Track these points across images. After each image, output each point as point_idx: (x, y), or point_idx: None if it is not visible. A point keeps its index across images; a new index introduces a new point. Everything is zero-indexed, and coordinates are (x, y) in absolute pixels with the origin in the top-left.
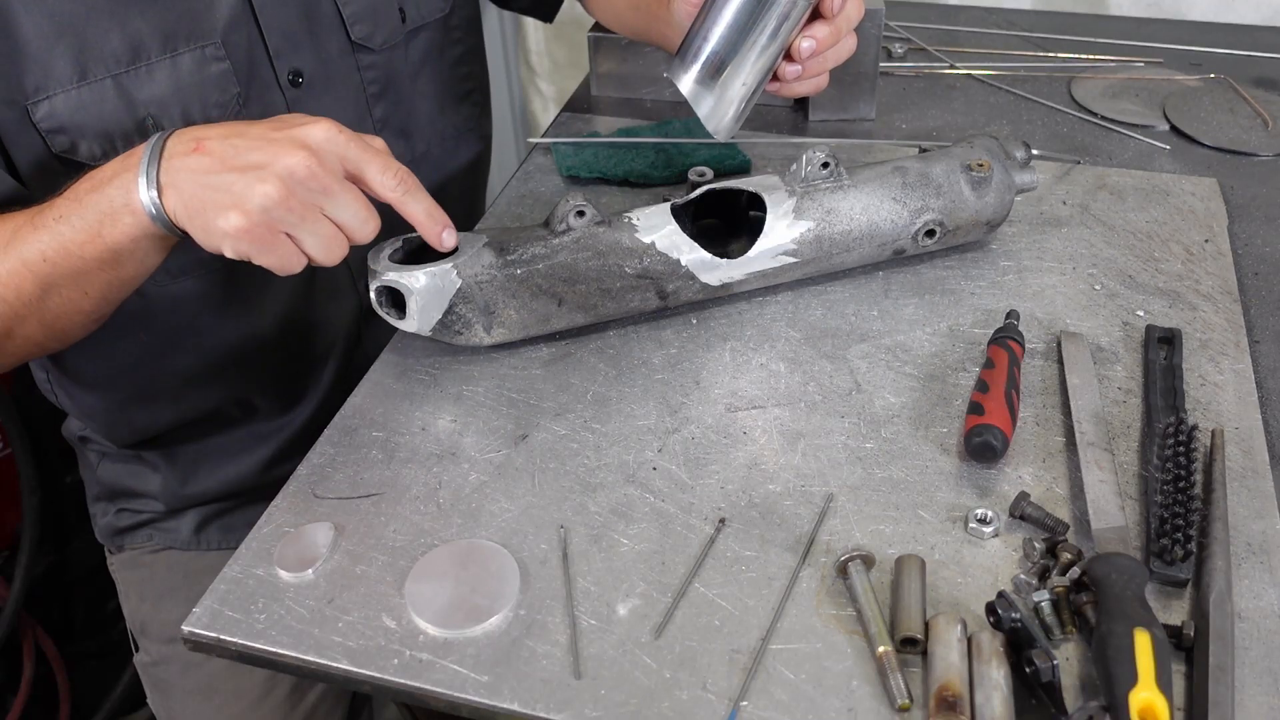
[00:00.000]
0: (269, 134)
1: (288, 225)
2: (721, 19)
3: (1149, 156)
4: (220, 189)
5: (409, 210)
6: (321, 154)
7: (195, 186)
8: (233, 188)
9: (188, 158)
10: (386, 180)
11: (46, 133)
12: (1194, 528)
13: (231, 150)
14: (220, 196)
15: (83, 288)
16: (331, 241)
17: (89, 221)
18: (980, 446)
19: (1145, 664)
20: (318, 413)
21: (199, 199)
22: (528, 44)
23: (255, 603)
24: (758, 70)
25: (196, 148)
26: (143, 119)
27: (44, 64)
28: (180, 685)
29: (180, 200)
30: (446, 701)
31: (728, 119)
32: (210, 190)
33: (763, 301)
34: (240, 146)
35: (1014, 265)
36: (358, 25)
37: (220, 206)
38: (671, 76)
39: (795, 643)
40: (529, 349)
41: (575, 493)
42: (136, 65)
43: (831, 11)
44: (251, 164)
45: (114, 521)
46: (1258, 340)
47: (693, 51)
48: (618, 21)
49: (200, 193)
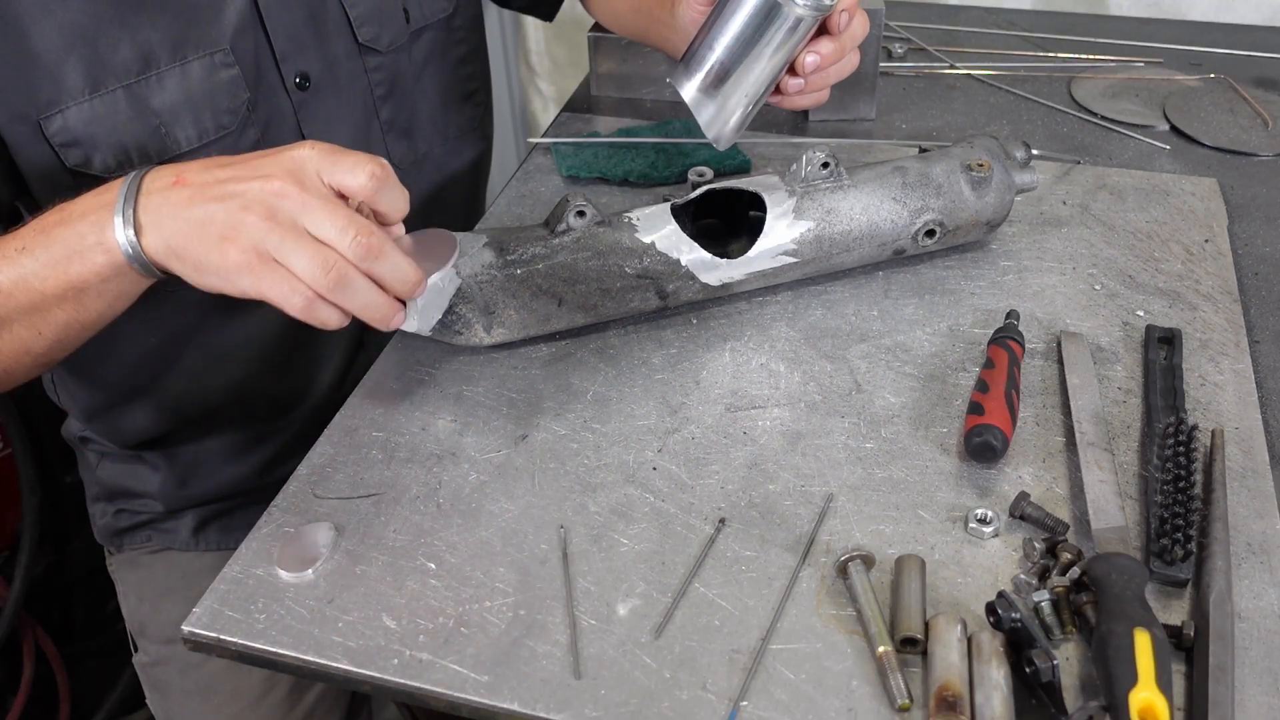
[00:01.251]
0: (250, 160)
1: (274, 249)
2: (728, 29)
3: (1149, 156)
4: (205, 222)
5: (381, 208)
6: (301, 172)
7: (178, 222)
8: (216, 218)
9: (168, 192)
10: (360, 176)
11: (60, 146)
12: (1194, 528)
13: (213, 183)
14: (207, 230)
15: (38, 326)
16: (319, 260)
17: (55, 255)
18: (980, 446)
19: (1145, 664)
20: (318, 413)
21: (185, 235)
22: (528, 44)
23: (255, 603)
24: (760, 82)
25: (176, 181)
26: (155, 128)
27: (56, 77)
28: (179, 685)
29: (162, 239)
30: (446, 701)
31: (728, 128)
32: (195, 226)
33: (763, 301)
34: (220, 177)
35: (1014, 265)
36: (365, 27)
37: (210, 241)
38: (674, 83)
39: (795, 643)
40: (529, 349)
41: (575, 493)
42: (147, 74)
43: (837, 28)
44: (233, 194)
45: (113, 522)
46: (1258, 340)
47: (697, 59)
48: (617, 23)
49: (185, 229)
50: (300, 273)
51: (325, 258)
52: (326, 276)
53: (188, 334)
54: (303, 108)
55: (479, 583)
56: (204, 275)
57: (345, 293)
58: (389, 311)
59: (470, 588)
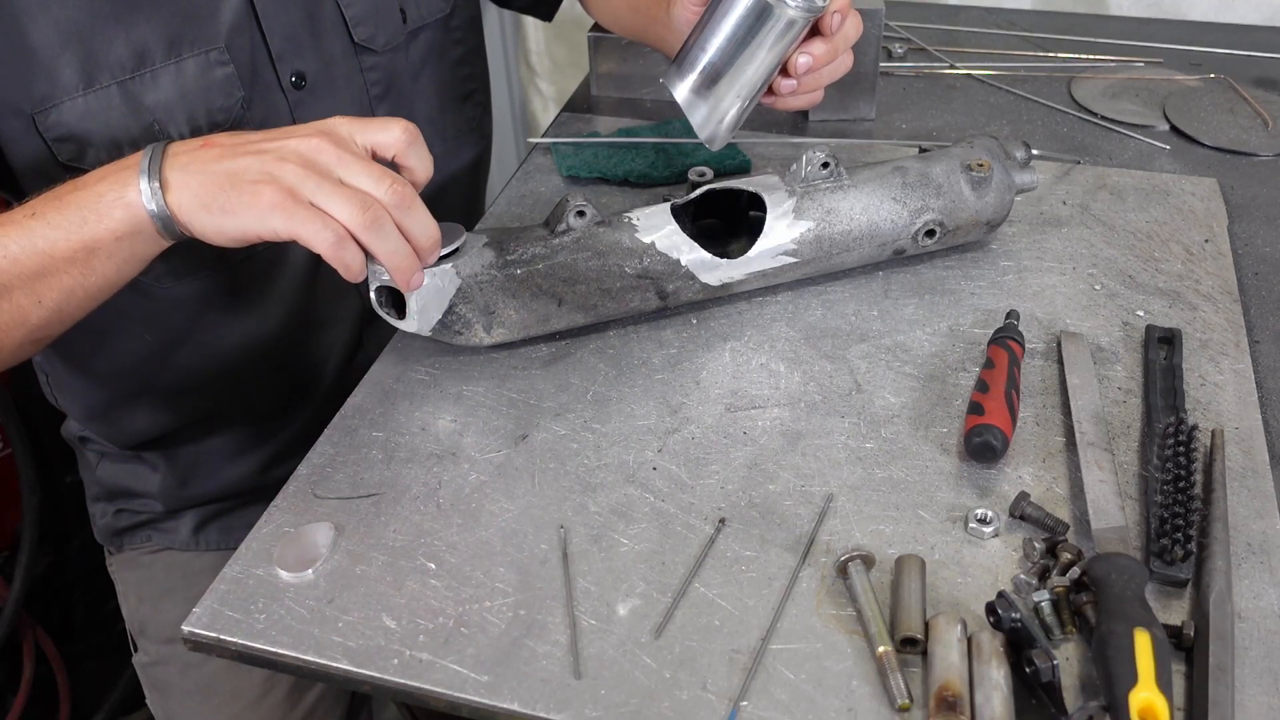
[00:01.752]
0: (278, 131)
1: (311, 193)
2: (720, 31)
3: (1149, 156)
4: (239, 172)
5: (410, 163)
6: (334, 133)
7: (208, 175)
8: (252, 166)
9: (196, 152)
10: (393, 130)
11: (53, 141)
12: (1194, 528)
13: (244, 143)
14: (243, 175)
15: (39, 293)
16: (357, 200)
17: (69, 218)
18: (980, 446)
19: (1145, 664)
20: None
21: (216, 184)
22: (528, 44)
23: (255, 603)
24: (753, 83)
25: (205, 142)
26: (149, 124)
27: (51, 72)
28: (179, 685)
29: (191, 192)
30: (446, 701)
31: (721, 128)
32: (229, 176)
33: (763, 301)
34: (253, 140)
35: (1014, 265)
36: (360, 27)
37: (243, 185)
38: (667, 83)
39: (795, 643)
40: (529, 349)
41: (575, 493)
42: (141, 71)
43: (830, 29)
44: (268, 149)
45: (113, 522)
46: (1258, 340)
47: (689, 60)
48: (616, 22)
49: (217, 179)
50: (336, 212)
51: (363, 199)
52: (364, 215)
53: (188, 333)
54: (298, 107)
55: (479, 583)
56: (231, 218)
57: (378, 234)
58: (412, 264)
59: (470, 588)
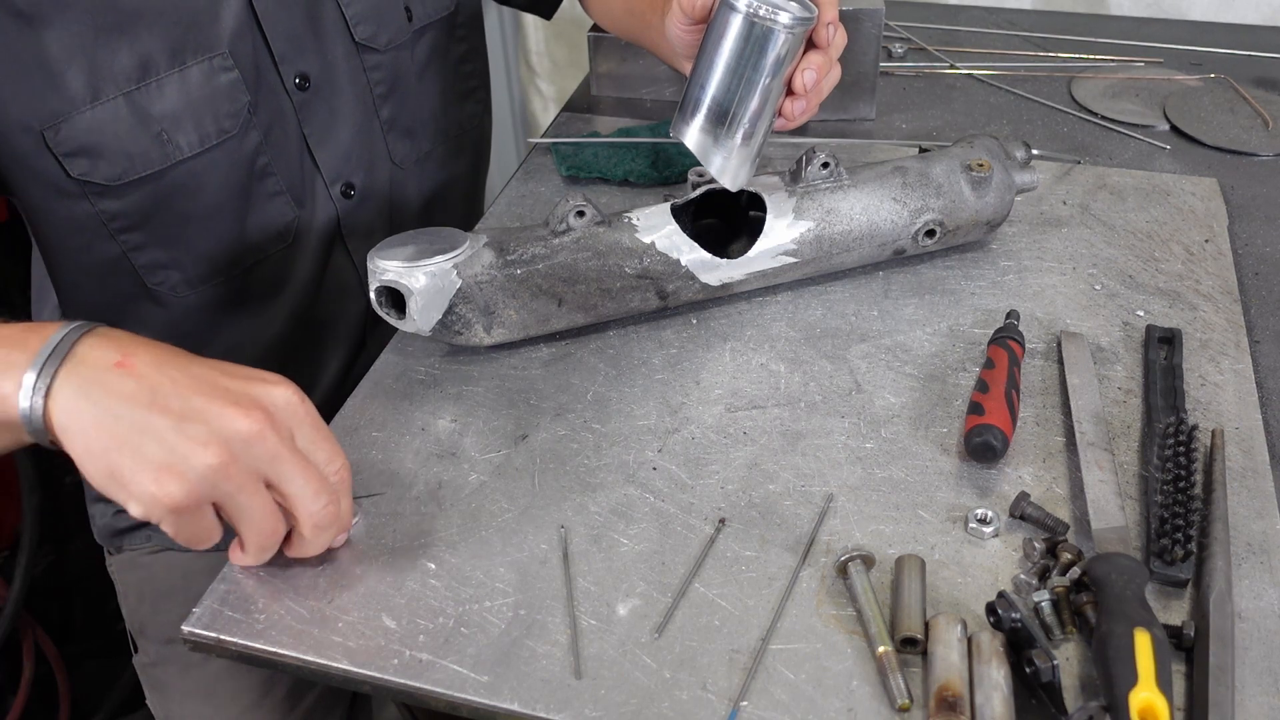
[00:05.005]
0: (218, 379)
1: (222, 496)
2: (718, 63)
3: (1149, 156)
4: (149, 439)
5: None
6: (276, 419)
7: (107, 417)
8: (165, 441)
9: (108, 373)
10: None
11: (64, 156)
12: (1194, 528)
13: (168, 384)
14: (149, 450)
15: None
16: (269, 519)
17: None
18: (980, 446)
19: (1145, 664)
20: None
21: (111, 437)
22: (528, 44)
23: (255, 603)
24: (763, 111)
25: (121, 362)
26: (157, 134)
27: (60, 87)
28: (179, 686)
29: (78, 425)
30: (446, 701)
31: (743, 169)
32: (130, 432)
33: (763, 301)
34: (179, 383)
35: (1014, 265)
36: (361, 26)
37: (149, 464)
38: (674, 134)
39: (795, 643)
40: (529, 349)
41: (575, 493)
42: (146, 81)
43: (825, 41)
44: (191, 412)
45: (113, 522)
46: (1258, 340)
47: (693, 103)
48: (613, 24)
49: (114, 429)
50: (244, 531)
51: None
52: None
53: (198, 338)
54: (303, 108)
55: (479, 583)
56: (114, 484)
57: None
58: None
59: (470, 588)
